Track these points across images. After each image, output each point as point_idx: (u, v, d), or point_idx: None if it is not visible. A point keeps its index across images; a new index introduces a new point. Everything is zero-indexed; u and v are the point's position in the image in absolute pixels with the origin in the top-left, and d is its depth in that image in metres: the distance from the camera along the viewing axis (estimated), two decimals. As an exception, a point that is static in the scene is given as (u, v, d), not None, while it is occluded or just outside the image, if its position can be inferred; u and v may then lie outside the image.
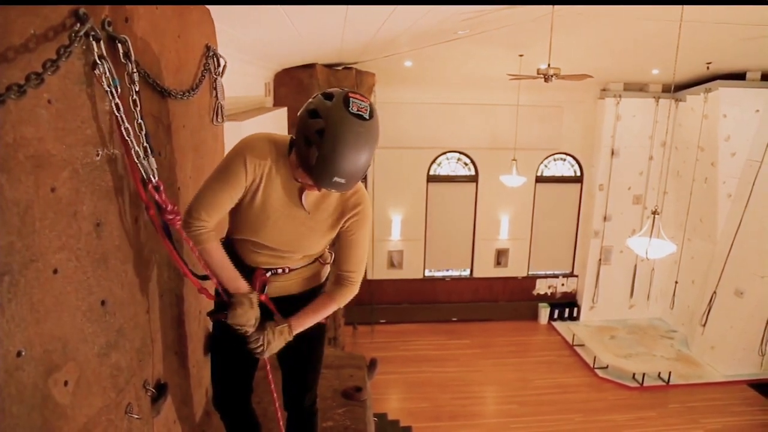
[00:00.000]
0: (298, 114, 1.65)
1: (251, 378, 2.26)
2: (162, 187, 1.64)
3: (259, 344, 1.87)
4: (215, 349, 2.23)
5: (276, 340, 1.89)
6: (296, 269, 2.03)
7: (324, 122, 1.55)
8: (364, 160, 1.59)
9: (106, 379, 1.59)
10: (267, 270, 1.98)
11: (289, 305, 2.00)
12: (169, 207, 1.65)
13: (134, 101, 1.60)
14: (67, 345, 1.37)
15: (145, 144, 1.61)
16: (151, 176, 1.60)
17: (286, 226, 1.89)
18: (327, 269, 2.17)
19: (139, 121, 1.61)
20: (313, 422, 2.39)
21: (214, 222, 1.83)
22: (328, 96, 1.59)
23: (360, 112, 1.55)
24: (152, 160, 1.61)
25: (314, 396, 2.34)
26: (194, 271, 1.89)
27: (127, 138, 1.52)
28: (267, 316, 1.97)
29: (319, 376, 2.34)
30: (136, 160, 1.56)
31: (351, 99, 1.56)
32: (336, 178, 1.59)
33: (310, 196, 1.87)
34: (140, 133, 1.61)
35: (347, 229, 1.94)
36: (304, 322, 1.98)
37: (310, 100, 1.63)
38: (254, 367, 2.25)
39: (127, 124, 1.50)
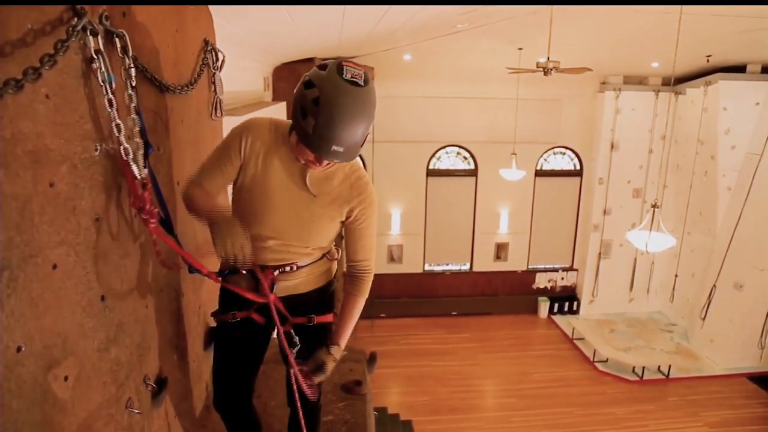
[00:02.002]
0: (295, 90, 1.66)
1: (253, 379, 2.24)
2: (149, 185, 1.63)
3: (322, 378, 1.94)
4: (218, 350, 2.20)
5: (330, 364, 1.94)
6: (304, 266, 1.99)
7: (318, 91, 1.55)
8: (361, 128, 1.59)
9: (106, 374, 1.59)
10: (275, 268, 1.95)
11: (298, 305, 1.99)
12: (147, 206, 1.61)
13: (129, 96, 1.59)
14: (67, 340, 1.37)
15: (137, 140, 1.60)
16: (138, 173, 1.59)
17: (290, 210, 1.87)
18: (335, 266, 2.16)
19: (133, 116, 1.60)
20: (316, 419, 2.39)
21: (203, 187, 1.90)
22: (323, 66, 1.60)
23: (354, 79, 1.56)
24: (140, 156, 1.60)
25: (318, 395, 2.34)
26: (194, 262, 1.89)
27: (117, 135, 1.51)
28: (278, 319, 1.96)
29: None
30: (125, 157, 1.54)
31: (345, 67, 1.57)
32: (334, 147, 1.58)
33: (313, 178, 1.85)
34: (133, 128, 1.60)
35: (355, 219, 1.93)
36: (345, 333, 2.01)
37: (306, 74, 1.64)
38: (257, 369, 2.23)
39: (118, 120, 1.49)
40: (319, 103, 1.55)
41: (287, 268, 1.97)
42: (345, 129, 1.56)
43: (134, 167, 1.57)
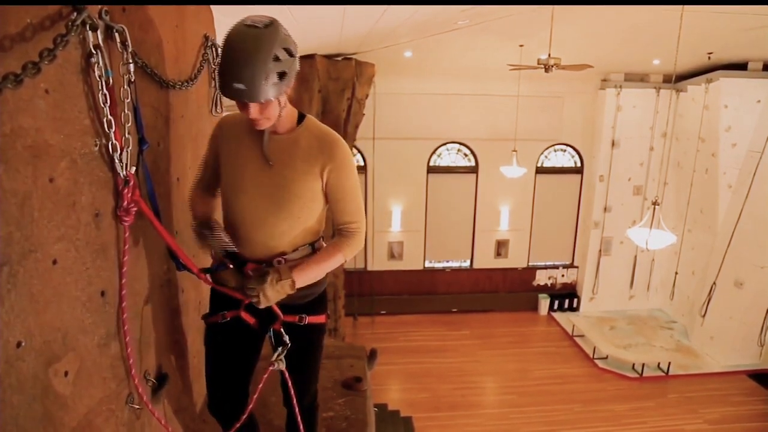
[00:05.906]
0: None
1: (248, 381, 2.18)
2: (132, 182, 1.60)
3: (254, 293, 1.82)
4: (209, 353, 2.15)
5: (273, 293, 1.84)
6: (293, 261, 1.96)
7: (224, 38, 1.67)
8: (256, 63, 1.61)
9: (107, 370, 1.60)
10: (264, 262, 1.92)
11: (289, 303, 1.95)
12: (124, 204, 1.60)
13: (125, 91, 1.58)
14: (67, 336, 1.37)
15: (126, 135, 1.59)
16: (120, 169, 1.58)
17: (262, 180, 1.86)
18: None
19: (126, 112, 1.60)
20: (313, 418, 2.38)
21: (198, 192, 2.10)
22: None
23: (252, 22, 1.65)
24: (126, 153, 1.59)
25: (313, 395, 2.32)
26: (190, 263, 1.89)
27: (107, 130, 1.50)
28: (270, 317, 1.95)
29: (317, 378, 2.31)
30: (110, 152, 1.54)
31: (250, 18, 1.67)
32: (235, 84, 1.62)
33: (277, 145, 1.86)
34: (124, 124, 1.59)
35: (329, 181, 1.89)
36: (308, 275, 1.92)
37: None
38: (251, 371, 2.18)
39: (109, 116, 1.49)
40: (222, 46, 1.65)
41: (275, 263, 1.93)
42: (239, 65, 1.61)
43: (117, 164, 1.56)
